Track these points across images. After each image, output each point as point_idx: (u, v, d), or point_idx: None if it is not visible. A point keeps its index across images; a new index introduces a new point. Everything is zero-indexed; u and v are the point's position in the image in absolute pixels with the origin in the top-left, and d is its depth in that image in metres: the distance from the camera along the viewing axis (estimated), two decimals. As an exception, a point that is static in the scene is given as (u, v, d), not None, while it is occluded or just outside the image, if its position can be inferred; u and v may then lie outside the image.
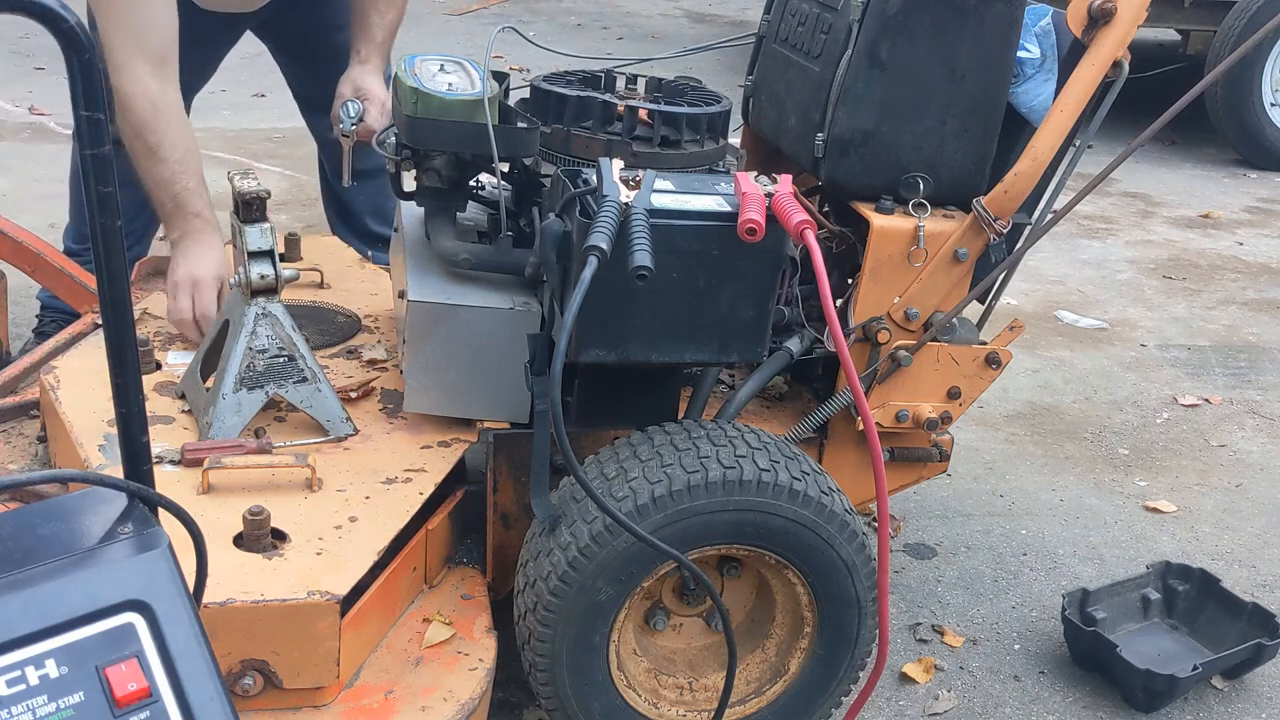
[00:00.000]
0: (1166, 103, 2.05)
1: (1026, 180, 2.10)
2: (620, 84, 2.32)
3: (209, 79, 3.16)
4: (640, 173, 1.86)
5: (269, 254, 2.04)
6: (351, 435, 2.10)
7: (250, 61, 7.32)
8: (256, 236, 2.03)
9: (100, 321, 1.57)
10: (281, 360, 2.06)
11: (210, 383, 2.10)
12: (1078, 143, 2.16)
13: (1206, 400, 3.75)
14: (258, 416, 2.07)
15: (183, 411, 2.14)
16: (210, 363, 2.12)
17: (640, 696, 1.97)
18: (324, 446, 2.07)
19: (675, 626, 2.05)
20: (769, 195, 1.81)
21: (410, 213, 2.33)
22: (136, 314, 2.43)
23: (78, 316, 2.91)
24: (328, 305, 2.58)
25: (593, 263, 1.66)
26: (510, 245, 2.16)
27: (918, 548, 2.85)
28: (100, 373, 1.28)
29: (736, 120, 2.42)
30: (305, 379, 2.08)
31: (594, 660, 1.88)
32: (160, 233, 2.92)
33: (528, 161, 2.17)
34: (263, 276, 2.04)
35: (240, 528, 1.80)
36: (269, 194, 2.09)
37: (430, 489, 1.99)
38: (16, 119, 5.46)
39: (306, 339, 2.12)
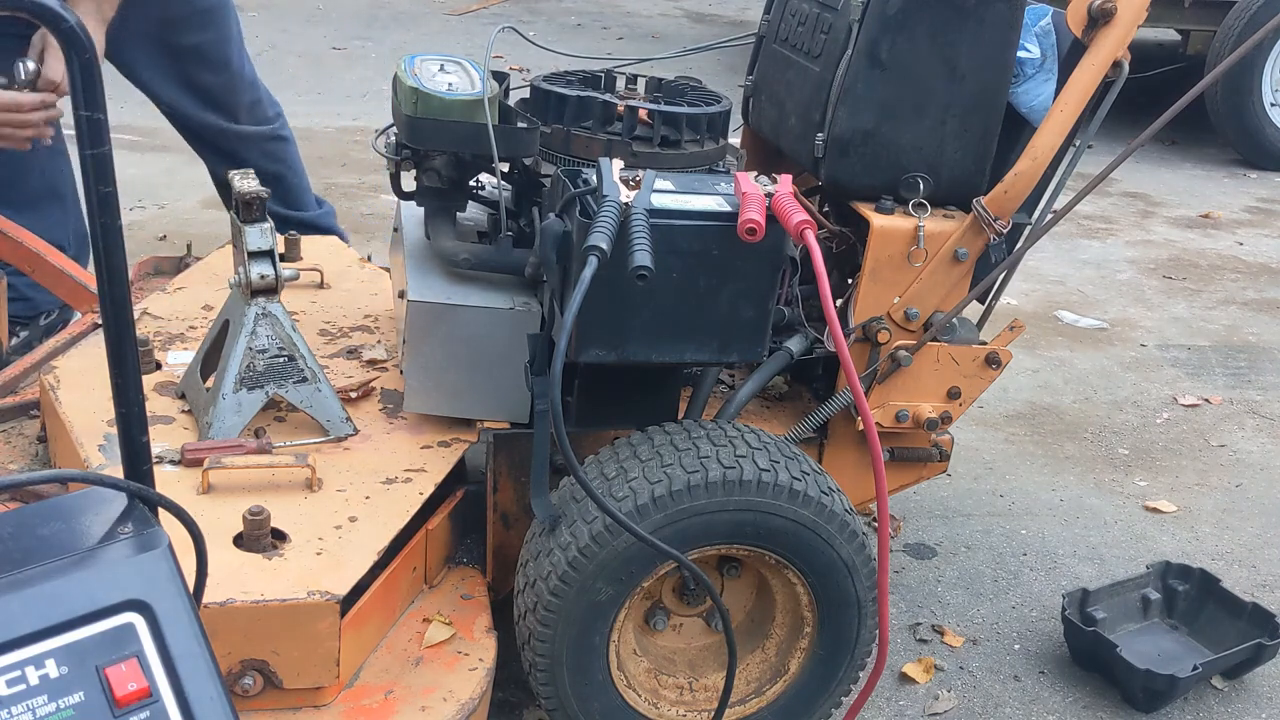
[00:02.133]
0: (1166, 103, 2.05)
1: (1026, 180, 2.10)
2: (620, 84, 2.32)
3: None
4: (640, 173, 1.86)
5: (269, 254, 2.05)
6: (352, 435, 2.10)
7: (250, 61, 7.26)
8: (256, 236, 2.03)
9: (100, 321, 1.57)
10: (281, 360, 2.06)
11: (210, 383, 2.10)
12: (1078, 143, 2.16)
13: (1206, 400, 3.75)
14: (258, 416, 2.07)
15: (183, 411, 2.14)
16: (210, 363, 2.13)
17: (640, 696, 1.97)
18: (324, 446, 2.07)
19: (675, 626, 2.05)
20: (769, 195, 1.81)
21: (410, 213, 2.33)
22: (136, 314, 2.43)
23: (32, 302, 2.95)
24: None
25: (593, 263, 1.66)
26: (510, 245, 2.16)
27: (918, 548, 2.85)
28: (100, 373, 1.27)
29: (736, 120, 2.42)
30: (305, 379, 2.08)
31: (594, 660, 1.88)
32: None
33: (528, 161, 2.17)
34: (263, 276, 2.04)
35: (240, 528, 1.79)
36: (269, 194, 2.09)
37: (430, 489, 1.99)
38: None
39: None
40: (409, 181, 2.25)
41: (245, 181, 2.08)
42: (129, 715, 0.97)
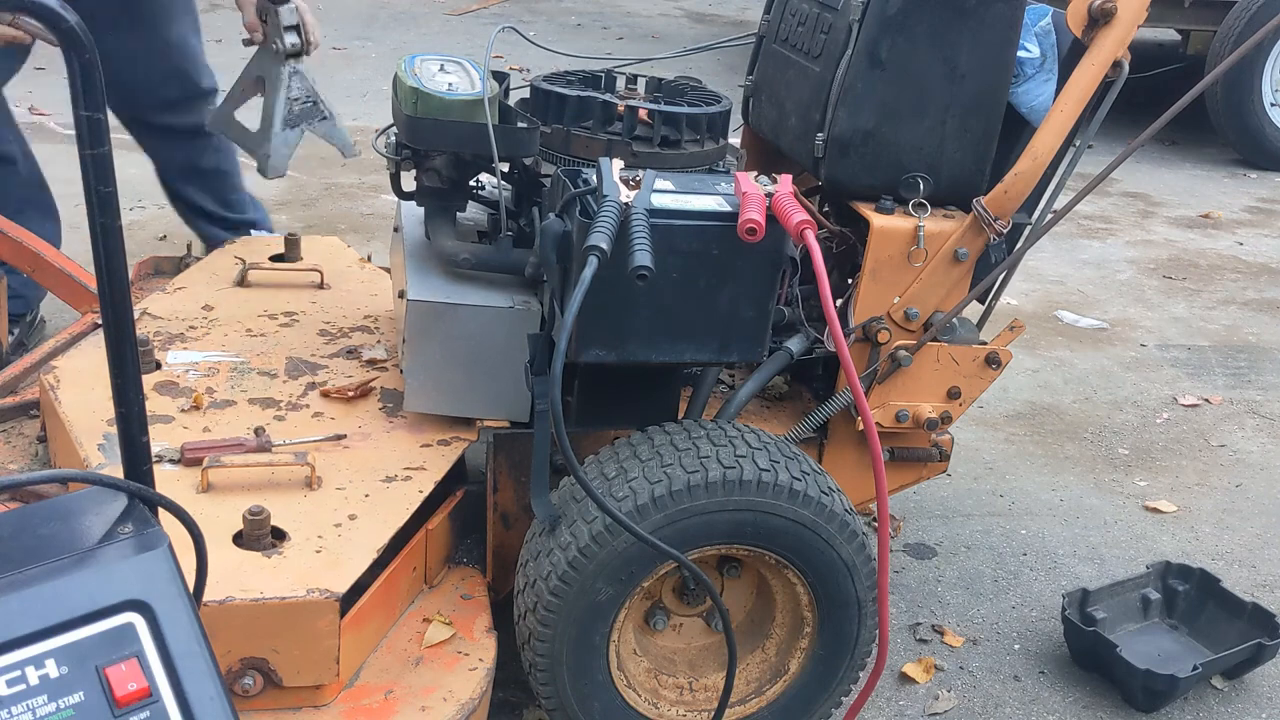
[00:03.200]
0: (1166, 103, 2.05)
1: (1026, 180, 2.10)
2: (620, 84, 2.32)
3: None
4: (640, 173, 1.86)
5: (296, 27, 2.66)
6: (356, 156, 2.85)
7: (250, 61, 7.25)
8: (288, 14, 2.64)
9: (100, 321, 1.57)
10: (308, 105, 2.72)
11: (258, 125, 2.72)
12: (1078, 143, 2.16)
13: (1206, 400, 3.75)
14: (256, 417, 2.07)
15: (182, 411, 2.14)
16: (233, 101, 2.81)
17: (640, 696, 1.97)
18: (323, 445, 2.07)
19: (675, 626, 2.05)
20: (769, 195, 1.81)
21: (410, 213, 2.33)
22: (136, 314, 2.43)
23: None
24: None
25: (593, 262, 1.66)
26: (510, 245, 2.16)
27: (918, 548, 2.85)
28: (100, 373, 1.28)
29: (736, 120, 2.42)
30: (325, 117, 2.74)
31: (594, 660, 1.88)
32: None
33: (528, 161, 2.17)
34: (293, 44, 2.66)
35: (240, 526, 1.80)
36: None
37: (430, 487, 1.99)
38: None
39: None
40: (409, 181, 2.25)
41: None
42: (129, 715, 0.97)
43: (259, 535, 1.79)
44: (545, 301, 2.07)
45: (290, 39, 2.68)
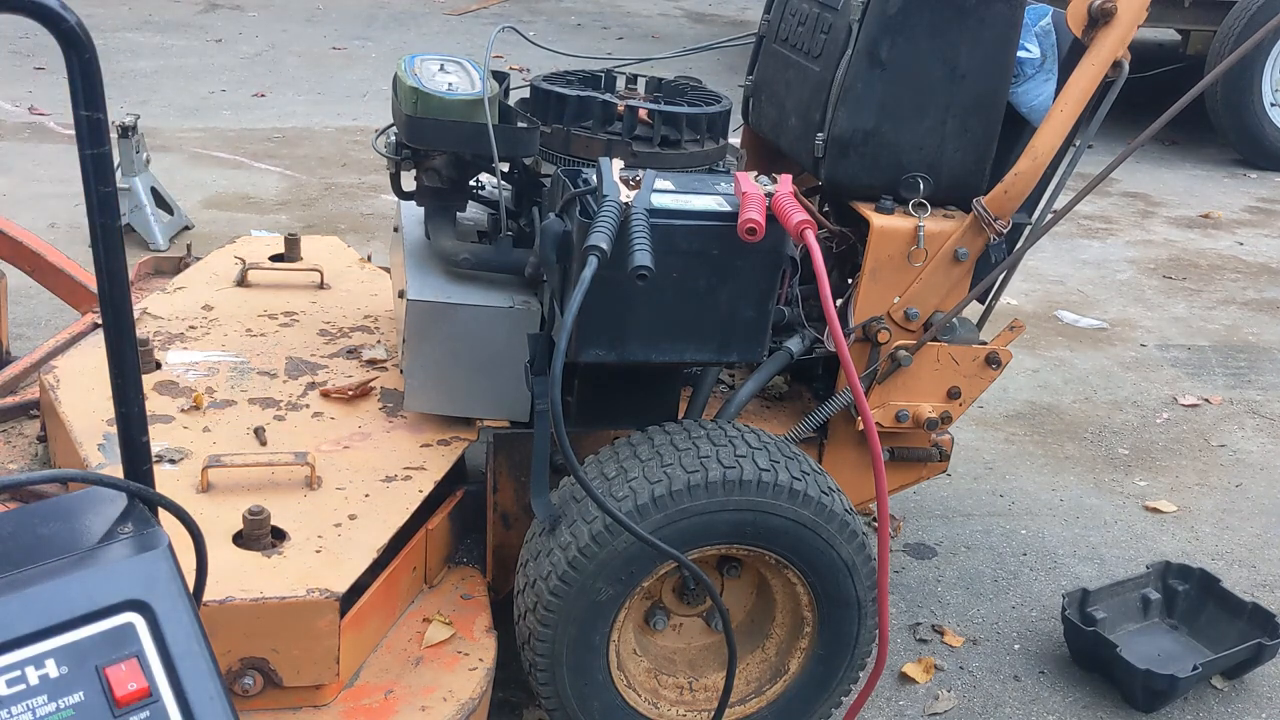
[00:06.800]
0: (1166, 103, 2.05)
1: (1026, 180, 2.10)
2: (620, 84, 2.32)
3: None
4: (640, 172, 1.86)
5: None
6: None
7: (250, 62, 7.29)
8: None
9: (100, 321, 1.57)
10: None
11: None
12: (1078, 143, 2.16)
13: (1206, 400, 3.75)
14: (256, 417, 2.07)
15: (182, 411, 2.14)
16: None
17: (640, 696, 1.97)
18: (323, 445, 2.07)
19: (675, 626, 2.05)
20: (769, 195, 1.81)
21: (410, 213, 2.33)
22: (136, 314, 2.43)
23: None
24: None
25: (593, 262, 1.66)
26: (510, 245, 2.16)
27: (918, 548, 2.85)
28: (100, 373, 1.28)
29: (736, 120, 2.42)
30: None
31: (594, 660, 1.88)
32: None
33: (528, 161, 2.17)
34: None
35: (240, 526, 1.80)
36: None
37: (430, 486, 1.99)
38: (16, 119, 5.45)
39: None
40: (409, 181, 2.25)
41: None
42: (129, 715, 0.97)
43: (259, 535, 1.79)
44: (545, 301, 2.07)
45: None
